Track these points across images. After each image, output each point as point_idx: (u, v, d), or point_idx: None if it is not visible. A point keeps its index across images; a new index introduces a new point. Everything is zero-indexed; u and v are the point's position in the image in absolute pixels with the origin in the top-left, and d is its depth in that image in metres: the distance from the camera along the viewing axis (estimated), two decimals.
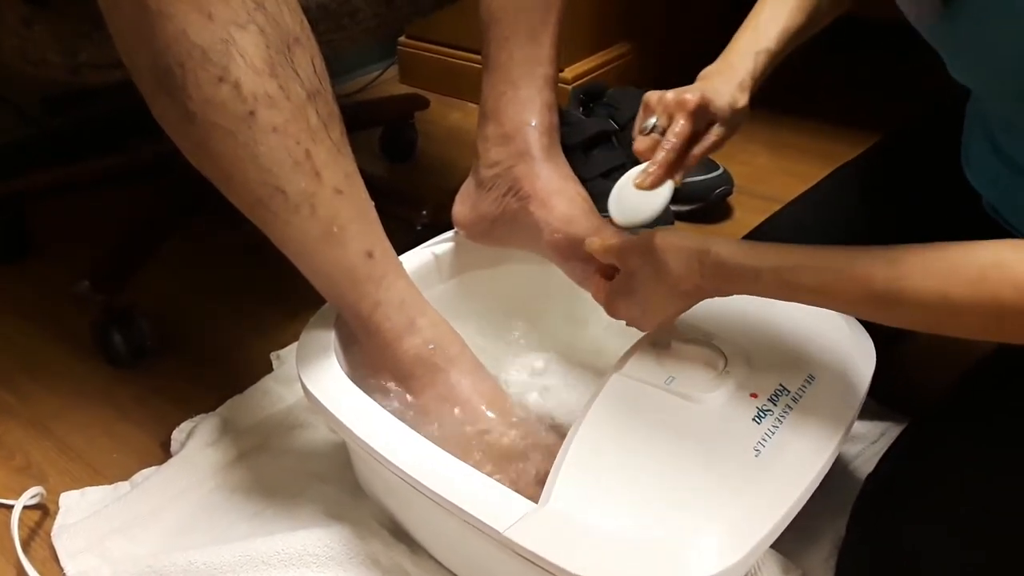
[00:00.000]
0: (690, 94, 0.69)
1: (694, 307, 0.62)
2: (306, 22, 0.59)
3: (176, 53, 0.53)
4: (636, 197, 0.71)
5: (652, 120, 0.70)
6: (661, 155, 0.69)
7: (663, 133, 0.70)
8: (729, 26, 0.76)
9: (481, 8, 0.72)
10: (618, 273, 0.63)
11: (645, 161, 0.71)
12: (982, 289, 0.45)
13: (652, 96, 0.71)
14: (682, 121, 0.69)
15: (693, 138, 0.71)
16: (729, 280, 0.55)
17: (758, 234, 0.82)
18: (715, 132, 0.71)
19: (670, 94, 0.70)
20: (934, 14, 0.52)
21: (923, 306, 0.48)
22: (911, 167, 0.79)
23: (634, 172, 0.72)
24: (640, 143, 0.71)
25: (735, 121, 0.72)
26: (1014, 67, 0.50)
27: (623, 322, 0.66)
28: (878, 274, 0.49)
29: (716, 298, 0.59)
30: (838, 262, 0.50)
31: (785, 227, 0.82)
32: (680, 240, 0.57)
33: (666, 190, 0.71)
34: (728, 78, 0.72)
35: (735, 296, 0.57)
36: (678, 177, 0.71)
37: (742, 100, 0.71)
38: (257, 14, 0.54)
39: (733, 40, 0.74)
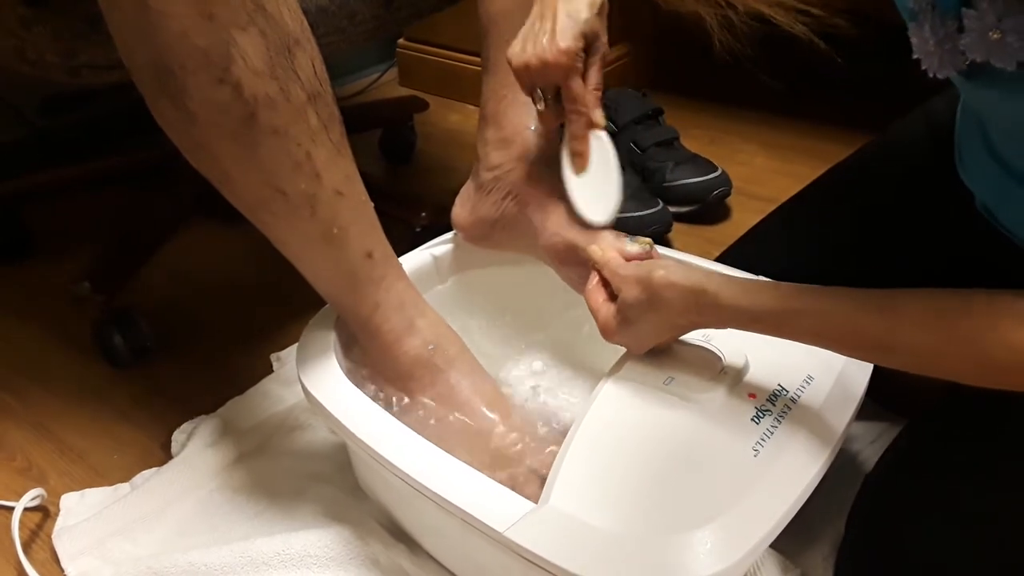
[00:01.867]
0: (560, 51, 0.61)
1: None
2: (306, 24, 0.59)
3: (177, 54, 0.53)
4: (591, 186, 0.67)
5: (539, 91, 0.65)
6: (574, 125, 0.65)
7: (555, 95, 0.65)
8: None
9: (480, 11, 0.72)
10: (616, 299, 0.63)
11: (550, 129, 0.68)
12: (974, 349, 0.47)
13: (518, 61, 0.64)
14: (573, 82, 0.64)
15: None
16: (725, 320, 0.57)
17: (753, 235, 0.83)
18: (596, 51, 0.65)
19: (534, 60, 0.62)
20: (951, 76, 0.52)
21: (916, 357, 0.49)
22: (906, 165, 0.79)
23: (567, 166, 0.68)
24: (544, 119, 0.67)
25: (604, 20, 0.65)
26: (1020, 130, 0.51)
27: None
28: (873, 324, 0.50)
29: None
30: (834, 310, 0.52)
31: (780, 226, 0.82)
32: (678, 277, 0.58)
33: (607, 153, 0.67)
34: None
35: None
36: (598, 118, 0.66)
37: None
38: (258, 16, 0.54)
39: None
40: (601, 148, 0.67)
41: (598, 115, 0.66)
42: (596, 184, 0.68)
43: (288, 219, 0.60)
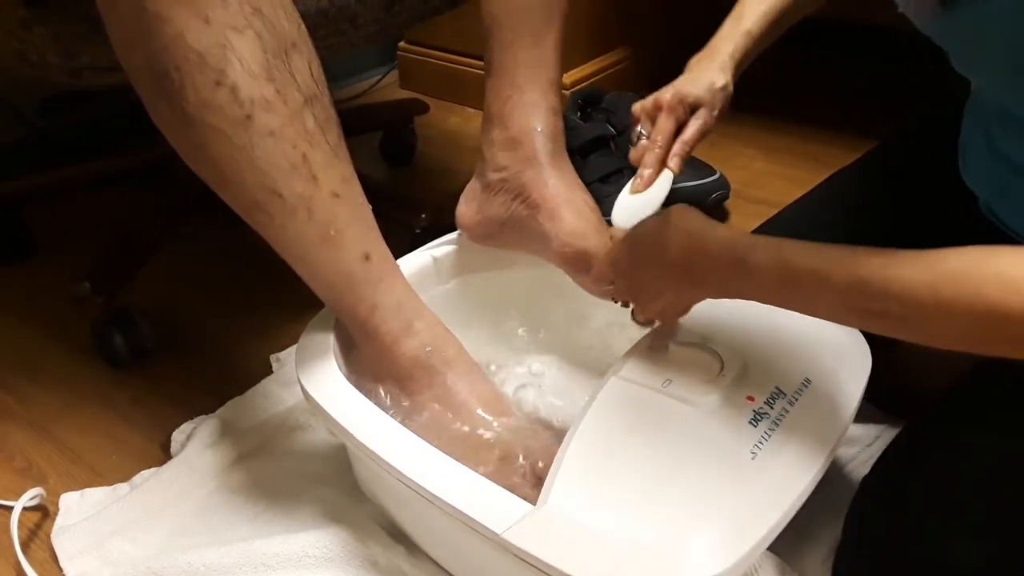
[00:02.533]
0: (665, 93, 0.74)
1: (692, 311, 0.62)
2: (303, 27, 0.59)
3: (173, 56, 0.53)
4: (635, 202, 0.74)
5: (639, 129, 0.75)
6: (648, 156, 0.74)
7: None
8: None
9: (483, 12, 0.72)
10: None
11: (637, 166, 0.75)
12: (968, 287, 0.45)
13: (636, 107, 0.76)
14: (661, 119, 0.74)
15: (680, 129, 0.75)
16: (716, 274, 0.54)
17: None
18: (699, 116, 0.75)
19: (648, 99, 0.75)
20: (933, 11, 0.53)
21: (911, 303, 0.47)
22: (908, 170, 0.79)
23: (629, 183, 0.76)
24: (632, 153, 0.76)
25: (718, 101, 0.76)
26: (1009, 62, 0.51)
27: (621, 325, 0.67)
28: (869, 263, 0.48)
29: (713, 301, 0.59)
30: (832, 256, 0.50)
31: (781, 231, 0.82)
32: (686, 219, 0.57)
33: (661, 189, 0.74)
34: (709, 62, 0.76)
35: (732, 300, 0.57)
36: (673, 164, 0.75)
37: (720, 80, 0.75)
38: (254, 19, 0.54)
39: (721, 25, 0.79)
40: (661, 185, 0.76)
41: (675, 162, 0.75)
42: (639, 205, 0.75)
43: (285, 221, 0.60)
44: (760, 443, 0.56)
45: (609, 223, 0.73)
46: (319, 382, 0.65)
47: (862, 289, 0.48)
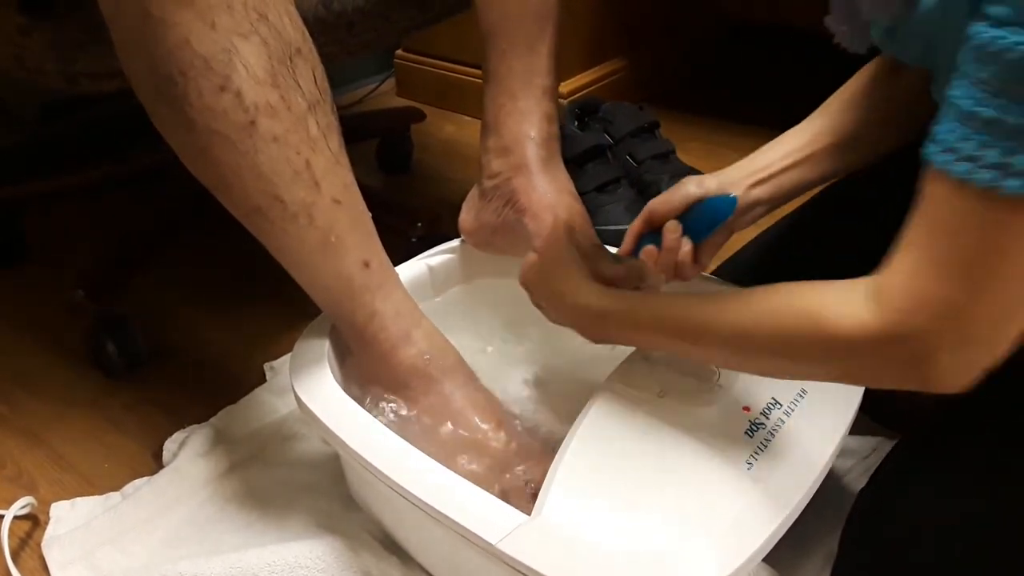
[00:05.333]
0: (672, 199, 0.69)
1: None
2: (307, 34, 0.59)
3: (178, 61, 0.54)
4: None
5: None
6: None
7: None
8: (723, 40, 0.77)
9: (480, 21, 0.73)
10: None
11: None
12: (767, 320, 0.48)
13: None
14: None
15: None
16: (591, 325, 0.62)
17: (744, 252, 0.83)
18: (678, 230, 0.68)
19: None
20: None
21: (724, 343, 0.52)
22: (898, 185, 0.79)
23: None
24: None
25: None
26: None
27: None
28: (692, 310, 0.53)
29: None
30: (671, 299, 0.56)
31: (777, 243, 0.82)
32: (550, 278, 0.64)
33: None
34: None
35: None
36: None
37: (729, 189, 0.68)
38: (260, 25, 0.55)
39: None
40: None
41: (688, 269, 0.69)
42: None
43: (286, 227, 0.60)
44: (756, 454, 0.56)
45: (600, 232, 0.73)
46: (314, 391, 0.65)
47: (686, 337, 0.55)
